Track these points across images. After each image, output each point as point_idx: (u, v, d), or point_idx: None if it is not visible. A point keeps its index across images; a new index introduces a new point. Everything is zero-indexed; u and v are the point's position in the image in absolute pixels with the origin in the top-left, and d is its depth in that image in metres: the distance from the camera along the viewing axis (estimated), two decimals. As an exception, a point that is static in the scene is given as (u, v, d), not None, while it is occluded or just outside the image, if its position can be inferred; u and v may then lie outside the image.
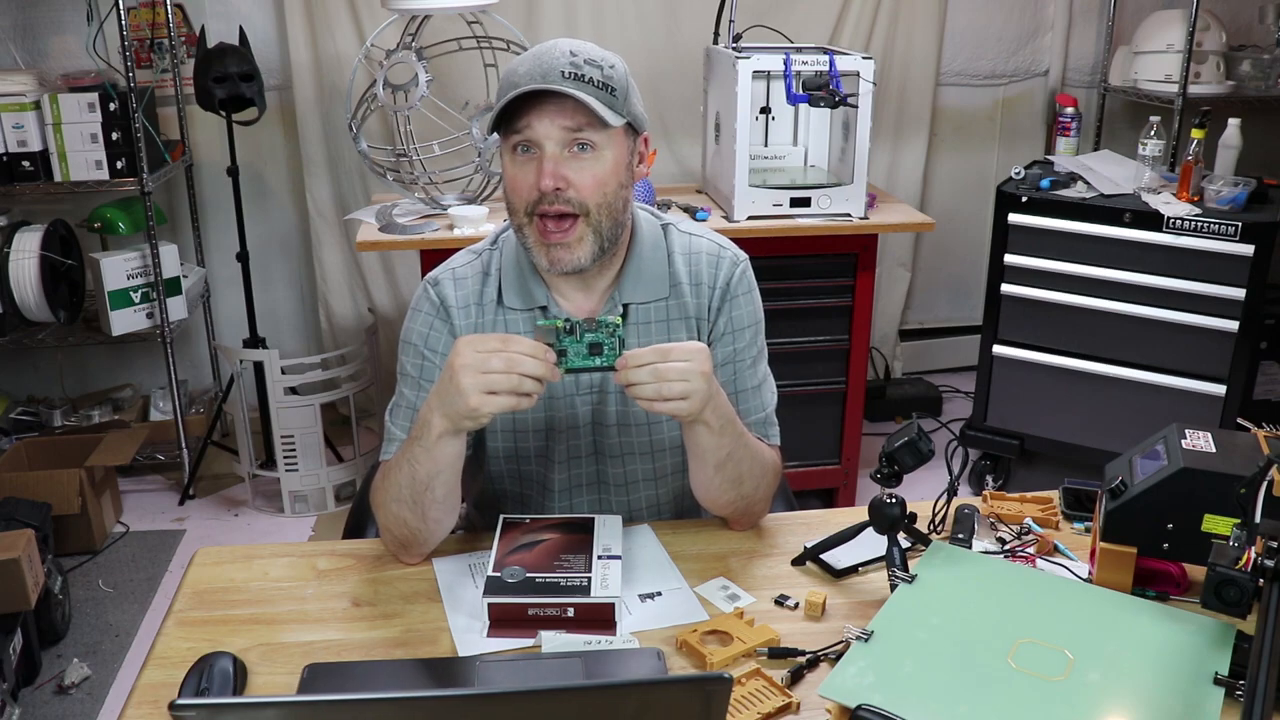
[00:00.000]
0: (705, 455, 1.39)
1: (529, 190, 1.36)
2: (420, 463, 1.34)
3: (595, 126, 1.34)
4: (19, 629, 2.42)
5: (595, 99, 1.32)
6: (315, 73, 3.43)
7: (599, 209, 1.37)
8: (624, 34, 3.51)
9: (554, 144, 1.34)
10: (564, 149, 1.34)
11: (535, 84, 1.31)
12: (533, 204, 1.36)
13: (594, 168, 1.35)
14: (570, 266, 1.38)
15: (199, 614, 1.33)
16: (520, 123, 1.34)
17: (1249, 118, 3.07)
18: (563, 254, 1.37)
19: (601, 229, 1.38)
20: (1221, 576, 1.14)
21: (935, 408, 3.92)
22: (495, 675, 1.19)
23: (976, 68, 3.94)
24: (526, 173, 1.36)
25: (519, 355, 1.23)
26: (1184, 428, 1.35)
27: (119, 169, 3.11)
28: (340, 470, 3.29)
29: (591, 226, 1.37)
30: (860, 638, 1.18)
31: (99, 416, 3.50)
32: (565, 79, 1.32)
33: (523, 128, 1.34)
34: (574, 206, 1.35)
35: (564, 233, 1.36)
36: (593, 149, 1.35)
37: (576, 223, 1.36)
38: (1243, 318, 2.80)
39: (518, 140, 1.36)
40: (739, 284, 1.52)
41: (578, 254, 1.38)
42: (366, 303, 3.67)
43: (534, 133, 1.34)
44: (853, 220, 2.90)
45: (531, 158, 1.36)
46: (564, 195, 1.34)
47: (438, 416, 1.30)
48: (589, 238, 1.37)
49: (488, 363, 1.23)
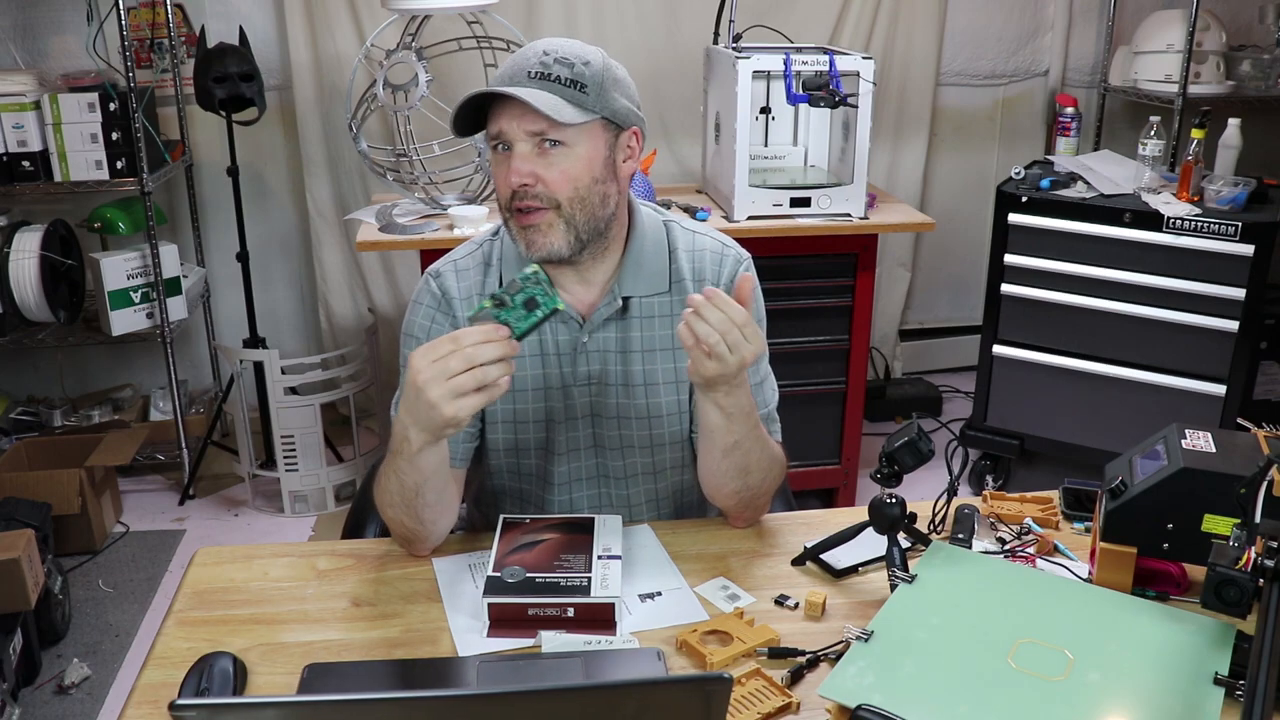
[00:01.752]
0: (714, 435, 1.39)
1: (505, 186, 1.40)
2: (406, 474, 1.34)
3: (559, 128, 1.36)
4: (19, 629, 2.42)
5: (559, 97, 1.35)
6: (315, 73, 3.43)
7: (570, 203, 1.39)
8: (624, 34, 3.51)
9: (522, 142, 1.37)
10: (534, 146, 1.37)
11: (497, 86, 1.37)
12: (508, 199, 1.40)
13: (563, 163, 1.38)
14: (545, 251, 1.40)
15: (199, 614, 1.33)
16: (491, 122, 1.39)
17: (1249, 118, 3.07)
18: (535, 237, 1.40)
19: (575, 221, 1.40)
20: (1221, 576, 1.14)
21: (935, 408, 3.92)
22: (495, 675, 1.19)
23: (976, 68, 3.94)
24: (503, 169, 1.40)
25: (473, 348, 1.22)
26: (1184, 428, 1.35)
27: (119, 169, 3.11)
28: (340, 470, 3.29)
29: (563, 218, 1.40)
30: (860, 638, 1.18)
31: (99, 416, 3.50)
32: (530, 79, 1.36)
33: (494, 130, 1.39)
34: (544, 201, 1.38)
35: (534, 216, 1.39)
36: (562, 145, 1.37)
37: (546, 212, 1.39)
38: (1243, 318, 2.80)
39: (491, 139, 1.41)
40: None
41: (550, 238, 1.40)
42: (366, 303, 3.67)
43: (501, 131, 1.38)
44: (853, 220, 2.90)
45: (507, 154, 1.39)
46: (533, 191, 1.38)
47: (414, 431, 1.28)
48: (560, 226, 1.40)
49: (447, 367, 1.22)
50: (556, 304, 1.26)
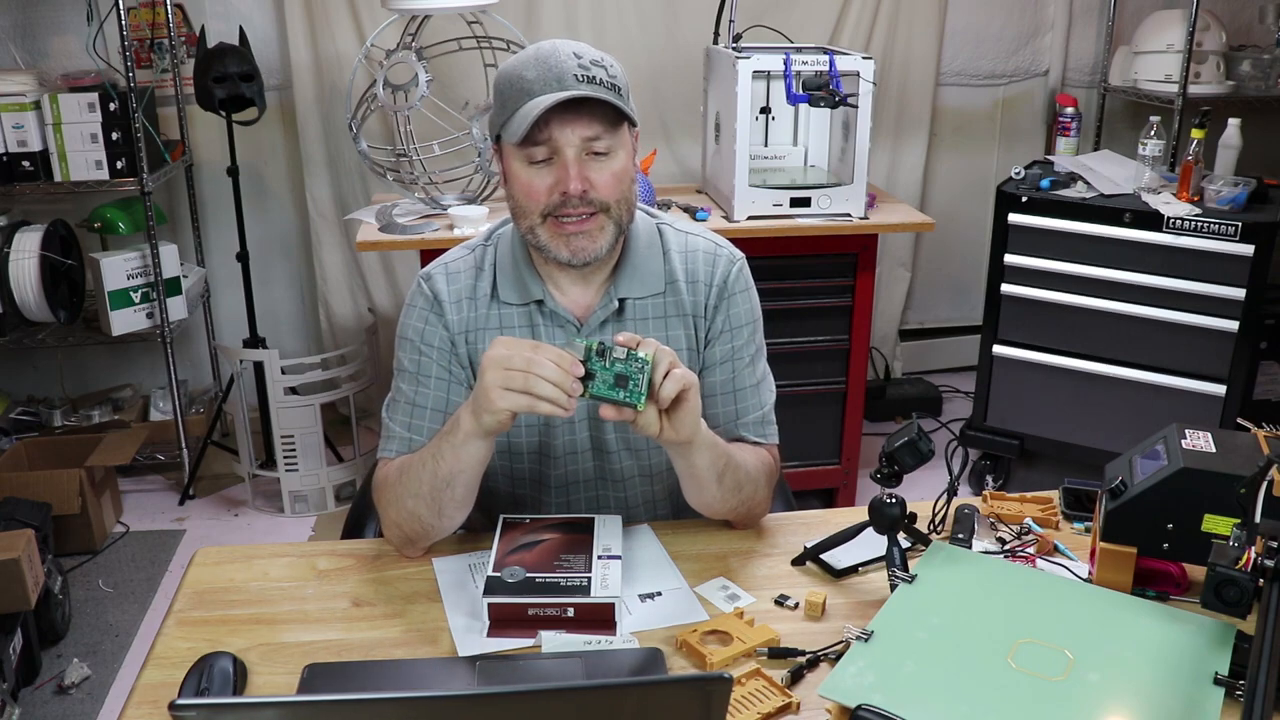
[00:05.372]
0: (705, 473, 1.39)
1: (547, 194, 1.37)
2: (445, 459, 1.35)
3: (611, 132, 1.36)
4: (19, 629, 2.42)
5: (611, 101, 1.34)
6: (315, 73, 3.43)
7: (618, 204, 1.40)
8: (624, 34, 3.51)
9: (574, 148, 1.36)
10: (582, 152, 1.37)
11: (555, 92, 1.32)
12: (553, 206, 1.38)
13: (611, 166, 1.38)
14: (592, 255, 1.40)
15: (199, 614, 1.33)
16: (540, 132, 1.34)
17: (1249, 118, 3.07)
18: (585, 243, 1.39)
19: (622, 223, 1.42)
20: (1221, 576, 1.14)
21: (935, 408, 3.92)
22: (495, 675, 1.19)
23: (976, 68, 3.94)
24: (544, 177, 1.37)
25: (540, 358, 1.24)
26: (1184, 428, 1.35)
27: (119, 169, 3.11)
28: (340, 470, 3.29)
29: (613, 220, 1.41)
30: (860, 638, 1.18)
31: (99, 416, 3.50)
32: (580, 83, 1.34)
33: (543, 138, 1.35)
34: (596, 206, 1.38)
35: (586, 221, 1.38)
36: (609, 149, 1.37)
37: (597, 215, 1.39)
38: (1243, 318, 2.80)
39: (536, 147, 1.36)
40: (736, 282, 1.52)
41: (599, 243, 1.40)
42: (366, 303, 3.68)
43: (556, 139, 1.35)
44: (853, 220, 2.90)
45: (548, 163, 1.37)
46: (587, 197, 1.37)
47: (467, 414, 1.31)
48: (609, 228, 1.41)
49: (511, 360, 1.24)
50: (637, 404, 1.25)
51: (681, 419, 1.28)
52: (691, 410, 1.29)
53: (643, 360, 1.24)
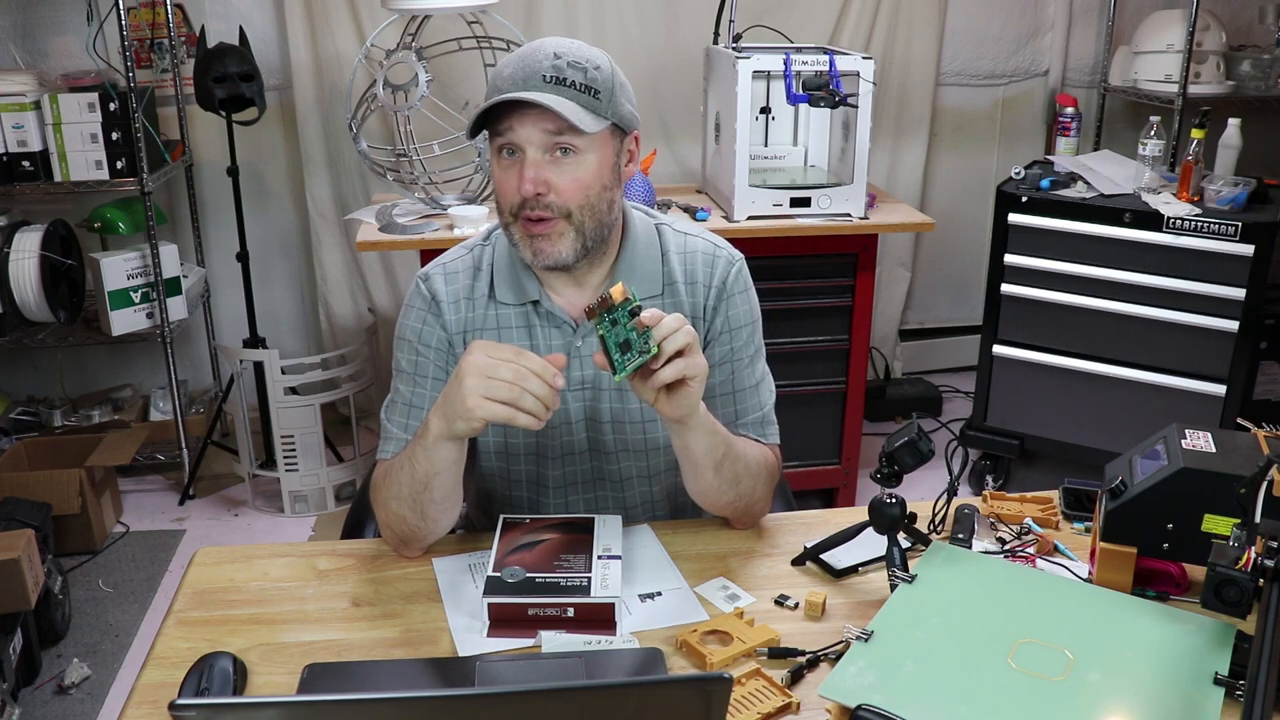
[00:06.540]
0: (702, 458, 1.38)
1: (513, 193, 1.37)
2: (419, 462, 1.35)
3: (577, 132, 1.34)
4: (19, 629, 2.42)
5: (576, 103, 1.33)
6: (315, 73, 3.43)
7: (581, 210, 1.38)
8: (624, 34, 3.51)
9: (535, 148, 1.35)
10: (546, 153, 1.35)
11: (515, 91, 1.32)
12: (516, 206, 1.38)
13: (575, 171, 1.36)
14: (553, 259, 1.39)
15: (199, 614, 1.33)
16: (503, 126, 1.35)
17: (1249, 118, 3.07)
18: (544, 245, 1.38)
19: (584, 229, 1.39)
20: (1221, 576, 1.14)
21: (935, 408, 3.92)
22: (495, 675, 1.19)
23: (976, 68, 3.94)
24: (510, 175, 1.37)
25: (525, 371, 1.24)
26: (1184, 428, 1.35)
27: (119, 169, 3.11)
28: (340, 470, 3.29)
29: (574, 226, 1.38)
30: (860, 638, 1.18)
31: (99, 416, 3.50)
32: (546, 83, 1.33)
33: (505, 131, 1.35)
34: (554, 211, 1.37)
35: (545, 225, 1.37)
36: (575, 152, 1.36)
37: (557, 221, 1.38)
38: (1243, 318, 2.80)
39: (501, 143, 1.37)
40: (735, 283, 1.52)
41: (559, 247, 1.39)
42: (366, 303, 3.68)
43: (515, 137, 1.35)
44: (853, 220, 2.90)
45: (515, 160, 1.37)
46: (544, 200, 1.36)
47: (435, 417, 1.31)
48: (570, 234, 1.39)
49: (496, 369, 1.24)
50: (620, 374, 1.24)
51: (678, 399, 1.28)
52: (689, 394, 1.28)
53: (647, 346, 1.24)
